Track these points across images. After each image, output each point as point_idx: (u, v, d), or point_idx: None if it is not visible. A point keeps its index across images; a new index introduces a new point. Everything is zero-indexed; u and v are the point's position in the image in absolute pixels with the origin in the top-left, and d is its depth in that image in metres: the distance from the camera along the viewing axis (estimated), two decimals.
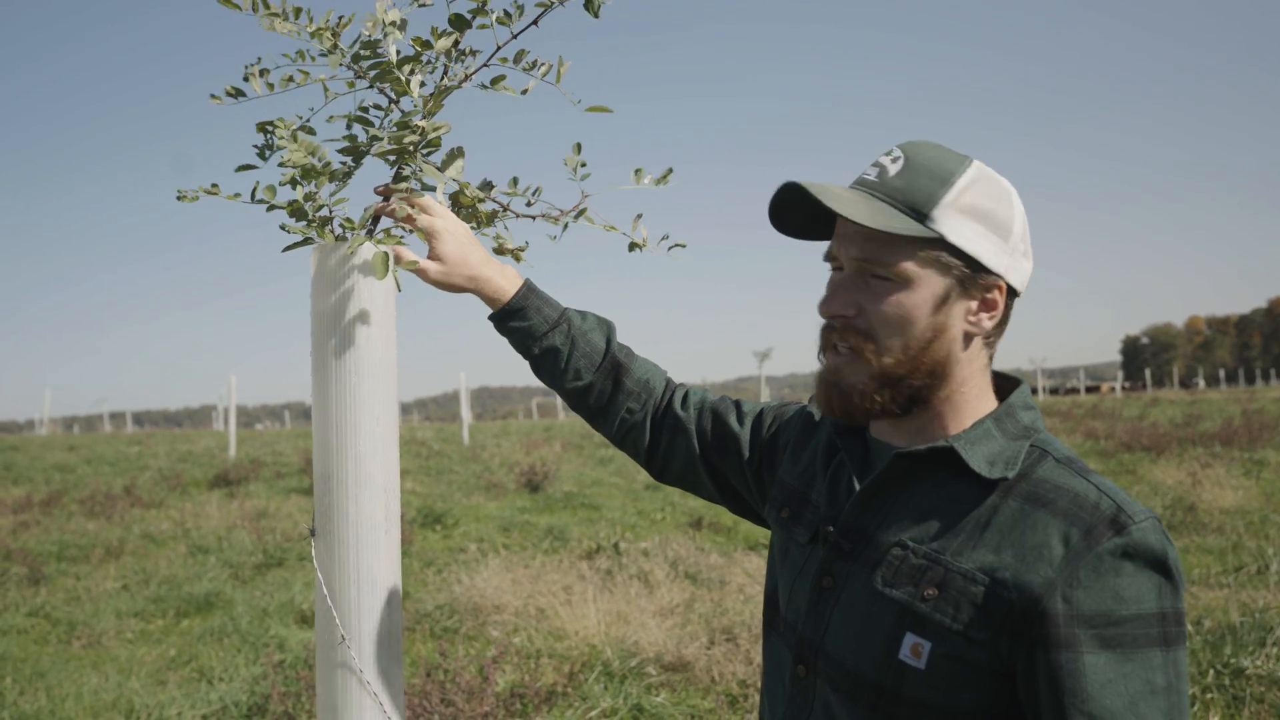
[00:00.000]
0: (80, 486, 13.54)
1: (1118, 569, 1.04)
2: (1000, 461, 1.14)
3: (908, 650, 1.11)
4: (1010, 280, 1.17)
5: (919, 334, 1.15)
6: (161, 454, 18.97)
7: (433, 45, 1.16)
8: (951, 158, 1.17)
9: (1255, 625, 5.15)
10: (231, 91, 1.20)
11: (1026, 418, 1.20)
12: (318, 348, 1.17)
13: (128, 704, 4.99)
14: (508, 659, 5.30)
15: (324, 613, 1.17)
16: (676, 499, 11.76)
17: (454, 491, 12.79)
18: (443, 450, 19.13)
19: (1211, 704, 4.40)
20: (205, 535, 9.67)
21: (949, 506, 1.14)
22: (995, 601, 1.07)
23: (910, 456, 1.17)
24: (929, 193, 1.14)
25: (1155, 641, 1.03)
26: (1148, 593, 1.04)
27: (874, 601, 1.15)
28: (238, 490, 13.07)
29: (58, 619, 6.82)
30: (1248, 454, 13.61)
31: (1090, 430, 18.19)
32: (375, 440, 1.17)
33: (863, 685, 1.14)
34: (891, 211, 1.14)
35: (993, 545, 1.09)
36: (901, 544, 1.16)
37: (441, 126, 1.17)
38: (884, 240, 1.14)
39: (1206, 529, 8.55)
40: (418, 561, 8.23)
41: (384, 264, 1.11)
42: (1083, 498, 1.09)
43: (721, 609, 6.20)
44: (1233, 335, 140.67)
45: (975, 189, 1.15)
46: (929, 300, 1.15)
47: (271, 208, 1.13)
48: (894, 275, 1.14)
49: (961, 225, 1.14)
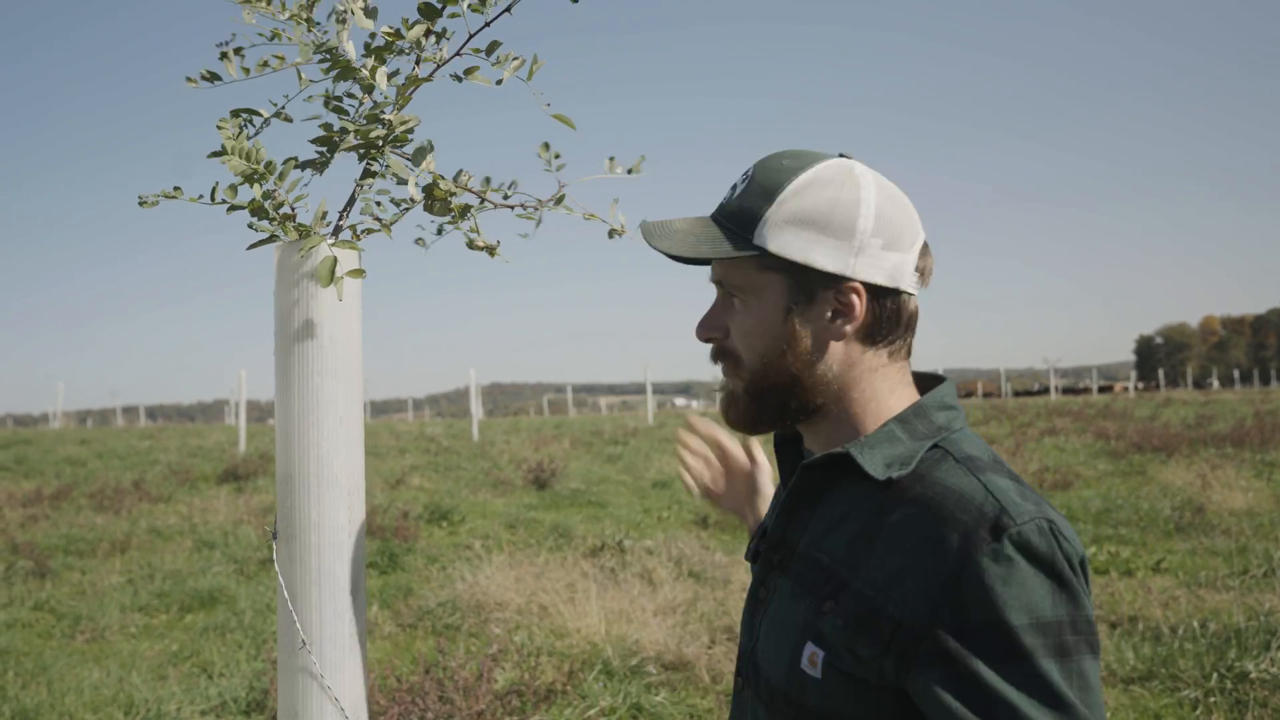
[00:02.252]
0: (90, 480, 13.61)
1: (1001, 576, 0.97)
2: (897, 463, 1.11)
3: (806, 659, 1.09)
4: (864, 278, 1.14)
5: (770, 346, 1.15)
6: (172, 448, 19.06)
7: (404, 35, 1.14)
8: (790, 169, 1.15)
9: (1260, 629, 5.11)
10: (207, 75, 1.18)
11: (941, 418, 1.16)
12: (280, 346, 1.16)
13: (128, 699, 5.00)
14: (508, 657, 5.29)
15: (285, 616, 1.16)
16: (683, 497, 11.74)
17: (461, 488, 12.80)
18: (452, 446, 19.16)
19: (1214, 707, 4.37)
20: (212, 530, 9.70)
21: (852, 514, 1.12)
22: (883, 619, 1.03)
23: (814, 466, 1.16)
24: (754, 211, 1.14)
25: (1049, 653, 0.96)
26: (1038, 599, 0.97)
27: (788, 611, 1.15)
28: (246, 485, 13.11)
29: (62, 613, 6.85)
30: (1259, 455, 13.50)
31: (1101, 430, 18.11)
32: (338, 440, 1.16)
33: (777, 695, 1.13)
34: (716, 237, 1.15)
35: (882, 558, 1.06)
36: (813, 555, 1.15)
37: (410, 120, 1.15)
38: (729, 263, 1.17)
39: (1215, 531, 8.48)
40: (422, 558, 8.24)
41: (329, 271, 1.10)
42: (967, 499, 1.03)
43: (724, 608, 6.18)
44: (1248, 335, 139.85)
45: (802, 196, 1.14)
46: (773, 311, 1.15)
47: (233, 208, 1.11)
48: (740, 294, 1.17)
49: (788, 236, 1.13)
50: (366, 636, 1.22)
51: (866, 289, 1.15)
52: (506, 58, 1.19)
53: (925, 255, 1.19)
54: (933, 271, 1.21)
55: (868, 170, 1.18)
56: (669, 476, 13.75)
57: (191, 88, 1.16)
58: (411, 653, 5.66)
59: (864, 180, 1.16)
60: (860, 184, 1.15)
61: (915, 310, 1.20)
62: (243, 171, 1.08)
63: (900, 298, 1.17)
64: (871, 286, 1.15)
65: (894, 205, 1.16)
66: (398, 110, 1.15)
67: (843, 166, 1.16)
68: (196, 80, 1.18)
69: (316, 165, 1.21)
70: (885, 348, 1.18)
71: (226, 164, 1.07)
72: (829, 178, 1.14)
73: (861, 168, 1.18)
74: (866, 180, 1.16)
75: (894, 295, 1.17)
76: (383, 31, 1.14)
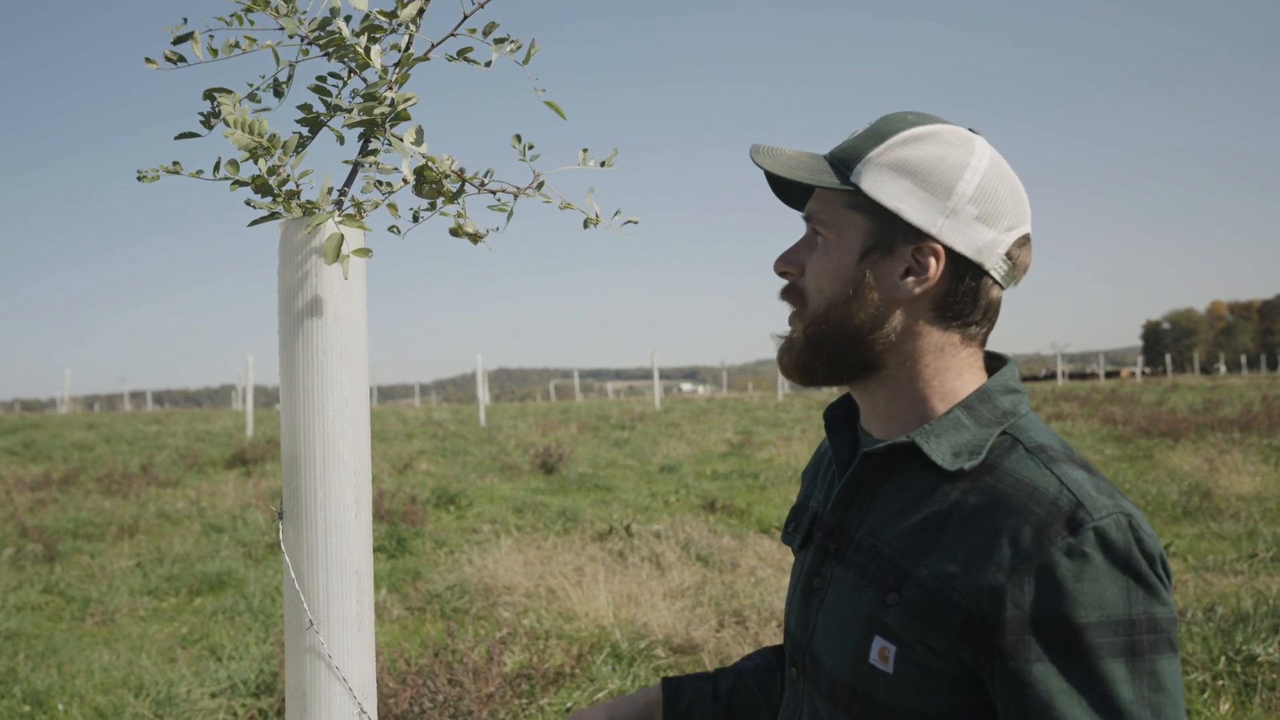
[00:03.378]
0: (98, 465, 13.65)
1: (1074, 571, 0.94)
2: (965, 452, 1.07)
3: (876, 654, 1.06)
4: (947, 242, 1.09)
5: (838, 290, 1.12)
6: (180, 433, 19.12)
7: (398, 14, 1.12)
8: (911, 121, 1.12)
9: (1269, 612, 5.10)
10: (171, 57, 1.14)
11: (1006, 402, 1.12)
12: (284, 325, 1.15)
13: (137, 681, 5.02)
14: (516, 640, 5.30)
15: (292, 597, 1.15)
16: (690, 481, 11.76)
17: (469, 472, 12.83)
18: (459, 431, 19.20)
19: (1223, 691, 4.36)
20: (220, 514, 9.73)
21: (917, 504, 1.08)
22: (950, 610, 1.00)
23: (874, 455, 1.12)
24: (860, 149, 1.11)
25: (1119, 652, 0.93)
26: (1111, 597, 0.94)
27: (850, 603, 1.11)
28: (254, 470, 13.15)
29: (72, 596, 6.87)
30: (1267, 440, 13.47)
31: (1108, 415, 18.08)
32: (344, 420, 1.15)
33: (840, 689, 1.10)
34: (818, 168, 1.13)
35: (950, 548, 1.02)
36: (873, 545, 1.11)
37: (410, 98, 1.14)
38: (823, 197, 1.14)
39: (1223, 515, 8.47)
40: (430, 542, 8.25)
41: (335, 249, 1.08)
42: (1041, 492, 1.00)
43: (732, 592, 6.19)
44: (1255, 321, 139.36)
45: (911, 146, 1.10)
46: (848, 255, 1.12)
47: (236, 184, 1.10)
48: (823, 229, 1.14)
49: (884, 179, 1.09)
50: (373, 617, 1.21)
51: (948, 254, 1.10)
52: (504, 40, 1.18)
53: (1023, 246, 1.13)
54: (1027, 269, 1.15)
55: (989, 146, 1.13)
56: (676, 461, 13.77)
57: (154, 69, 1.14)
58: (420, 636, 5.68)
59: (980, 150, 1.11)
60: (975, 151, 1.11)
61: (997, 300, 1.15)
62: (246, 145, 1.06)
63: (983, 280, 1.12)
64: (953, 254, 1.10)
65: (1003, 182, 1.11)
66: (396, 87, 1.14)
67: (964, 134, 1.13)
68: (157, 62, 1.14)
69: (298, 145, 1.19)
70: (958, 330, 1.13)
71: (229, 137, 1.05)
72: (945, 137, 1.11)
73: (984, 141, 1.13)
74: (983, 151, 1.11)
75: (976, 273, 1.11)
76: (377, 12, 1.13)
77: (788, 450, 14.32)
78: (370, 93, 1.10)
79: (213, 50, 1.11)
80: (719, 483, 11.68)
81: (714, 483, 11.68)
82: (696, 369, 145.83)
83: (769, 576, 6.58)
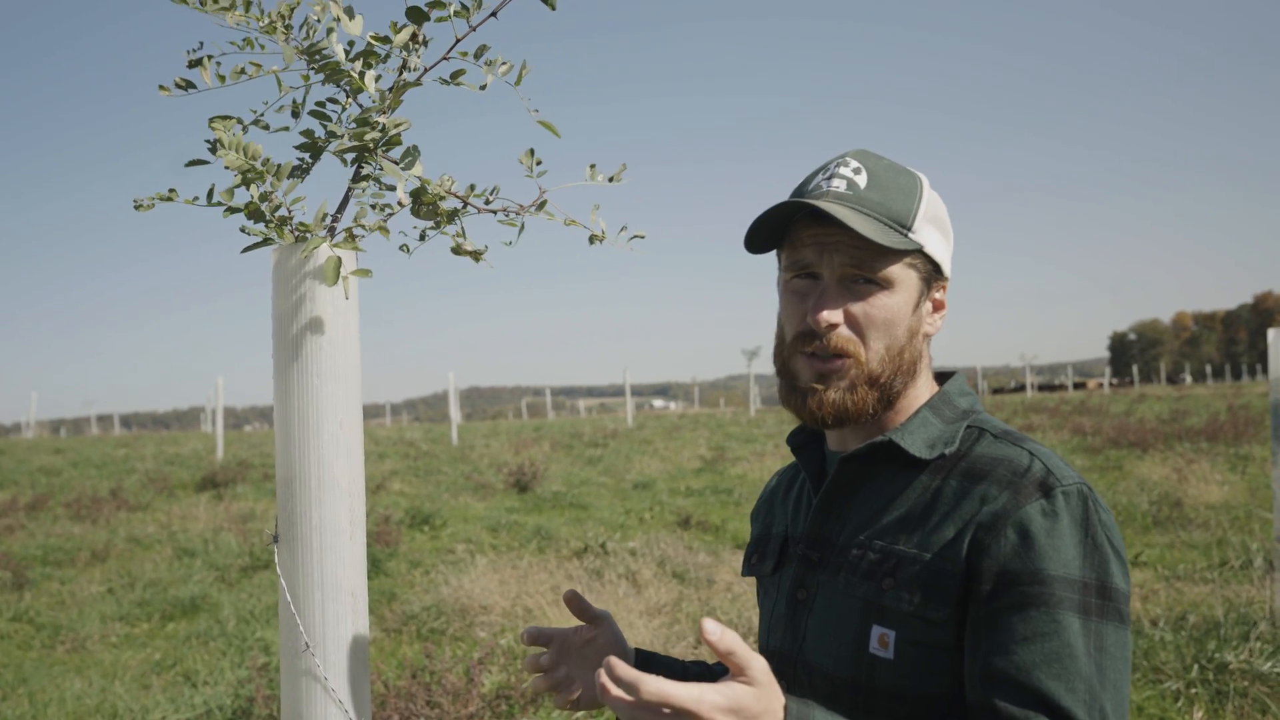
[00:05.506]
0: (66, 489, 13.46)
1: (1045, 528, 1.06)
2: (939, 443, 1.19)
3: (875, 642, 1.13)
4: (948, 273, 1.26)
5: (900, 335, 1.21)
6: (149, 456, 18.89)
7: (391, 40, 1.14)
8: (904, 169, 1.25)
9: (1239, 620, 5.16)
10: (181, 84, 1.17)
11: (964, 402, 1.25)
12: (279, 350, 1.16)
13: (111, 709, 4.96)
14: (494, 660, 5.28)
15: (287, 619, 1.16)
16: (665, 497, 11.76)
17: (442, 492, 12.76)
18: (431, 451, 19.09)
19: (1196, 698, 4.41)
20: (192, 538, 9.62)
21: (899, 497, 1.19)
22: (942, 576, 1.10)
23: (855, 458, 1.22)
24: (905, 208, 1.20)
25: (1074, 608, 1.04)
26: (1072, 557, 1.05)
27: (843, 603, 1.18)
28: (225, 492, 13.01)
29: (42, 624, 6.78)
30: (1233, 449, 13.65)
31: (1078, 427, 18.25)
32: (338, 444, 1.16)
33: (840, 686, 1.16)
34: (880, 225, 1.18)
35: (937, 524, 1.13)
36: (860, 543, 1.19)
37: (402, 123, 1.15)
38: (875, 249, 1.18)
39: (1192, 524, 8.57)
40: (405, 562, 8.20)
41: (335, 270, 1.10)
42: (1015, 462, 1.12)
43: (709, 608, 6.20)
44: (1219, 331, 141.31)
45: (930, 198, 1.22)
46: (908, 304, 1.21)
47: (229, 210, 1.11)
48: (881, 280, 1.19)
49: (931, 234, 1.21)
50: (369, 639, 1.22)
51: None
52: (495, 62, 1.19)
53: None
54: None
55: None
56: (650, 478, 13.76)
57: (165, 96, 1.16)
58: (397, 657, 5.64)
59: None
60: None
61: None
62: (240, 167, 1.07)
63: None
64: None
65: None
66: (389, 112, 1.15)
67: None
68: (170, 89, 1.17)
69: (299, 172, 1.21)
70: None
71: (223, 158, 1.07)
72: (928, 183, 1.25)
73: None
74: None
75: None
76: (370, 36, 1.14)
77: (761, 465, 14.36)
78: (363, 118, 1.11)
79: (220, 76, 1.12)
80: (693, 499, 11.69)
81: (688, 499, 11.69)
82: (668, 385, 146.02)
83: (745, 592, 6.60)
